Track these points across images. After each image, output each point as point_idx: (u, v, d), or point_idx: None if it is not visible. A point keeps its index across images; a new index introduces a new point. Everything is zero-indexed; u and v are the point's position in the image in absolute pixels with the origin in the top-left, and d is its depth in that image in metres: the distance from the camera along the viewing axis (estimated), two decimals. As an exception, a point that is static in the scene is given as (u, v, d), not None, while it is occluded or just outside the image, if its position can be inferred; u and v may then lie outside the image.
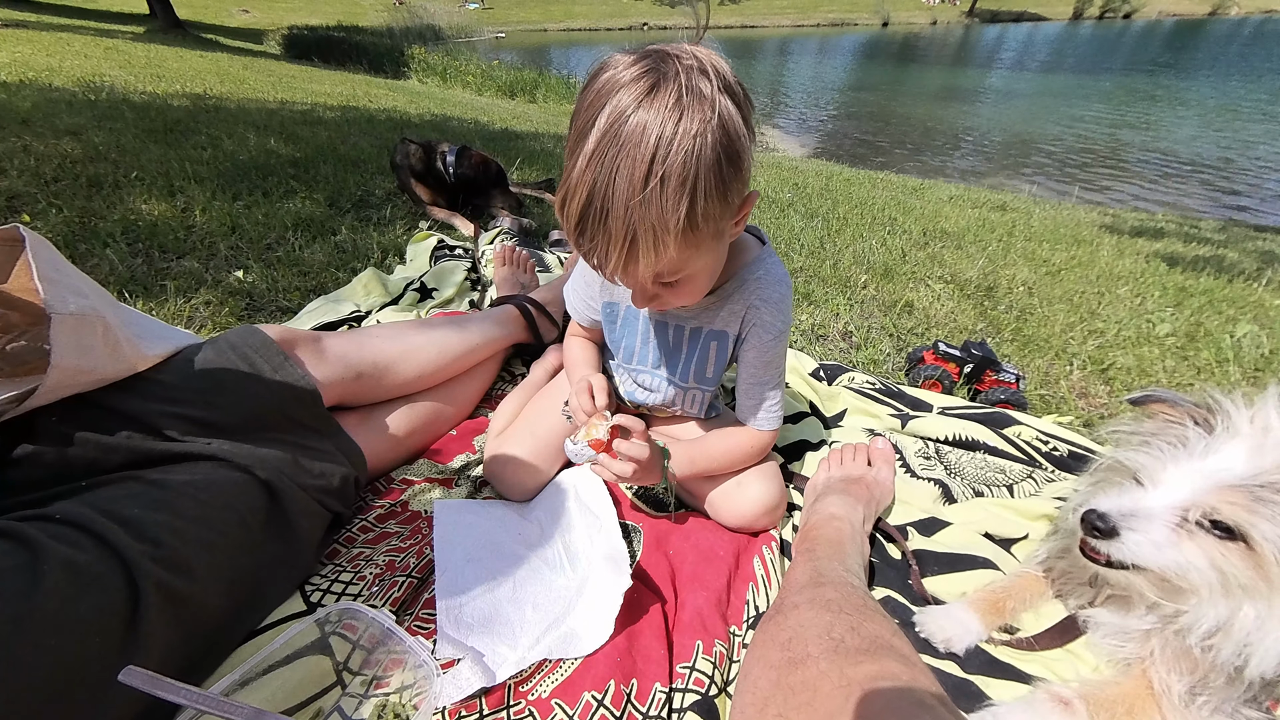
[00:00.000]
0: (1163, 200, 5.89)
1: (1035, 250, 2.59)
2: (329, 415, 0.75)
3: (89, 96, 3.36)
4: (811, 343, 1.47)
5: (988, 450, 0.99)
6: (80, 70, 4.37)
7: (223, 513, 0.56)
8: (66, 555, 0.45)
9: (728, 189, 0.52)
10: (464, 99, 7.45)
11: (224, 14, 19.87)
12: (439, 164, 2.01)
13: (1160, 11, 39.40)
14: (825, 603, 0.53)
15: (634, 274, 0.53)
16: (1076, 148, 7.94)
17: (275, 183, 2.09)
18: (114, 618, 0.46)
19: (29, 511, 0.47)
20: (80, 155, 2.18)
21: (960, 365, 1.26)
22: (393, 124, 3.86)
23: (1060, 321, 1.73)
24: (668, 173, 0.47)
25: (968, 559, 0.77)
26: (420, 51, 11.11)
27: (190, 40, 10.16)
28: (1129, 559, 0.51)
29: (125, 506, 0.50)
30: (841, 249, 2.18)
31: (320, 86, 5.66)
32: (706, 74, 0.49)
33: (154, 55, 6.12)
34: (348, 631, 0.57)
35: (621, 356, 0.86)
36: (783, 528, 0.84)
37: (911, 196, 3.80)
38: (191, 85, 4.40)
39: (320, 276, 1.45)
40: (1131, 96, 11.96)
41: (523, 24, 28.07)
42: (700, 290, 0.63)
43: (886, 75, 15.76)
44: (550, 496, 0.85)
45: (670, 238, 0.49)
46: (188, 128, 2.83)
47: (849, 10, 34.98)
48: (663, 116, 0.47)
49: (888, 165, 6.49)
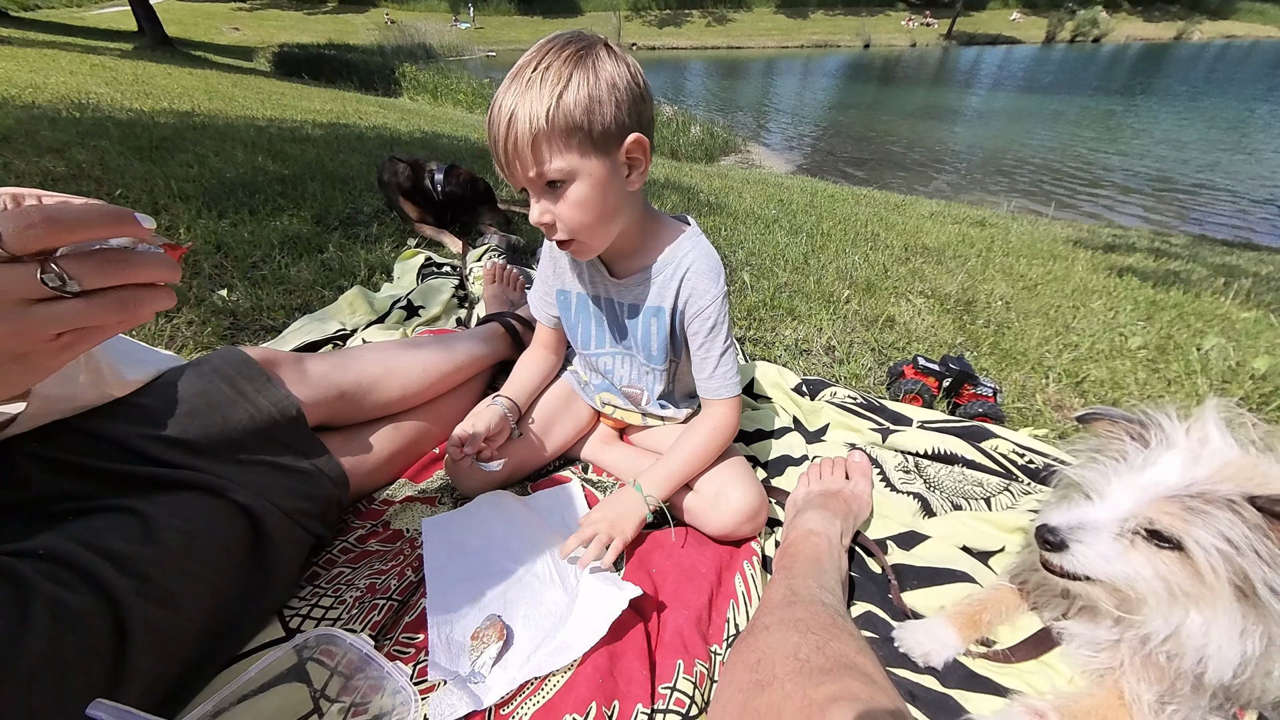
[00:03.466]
0: (1135, 216, 6.09)
1: (1013, 265, 2.66)
2: (313, 436, 0.75)
3: (73, 114, 3.35)
4: (795, 357, 1.49)
5: (966, 464, 1.01)
6: (65, 87, 4.35)
7: (205, 543, 0.56)
8: (54, 594, 0.44)
9: (595, 106, 0.63)
10: (454, 116, 7.51)
11: (214, 31, 19.92)
12: (427, 181, 2.03)
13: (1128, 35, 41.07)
14: (794, 622, 0.54)
15: (519, 156, 0.64)
16: (1052, 165, 8.20)
17: (262, 200, 2.08)
18: (100, 656, 0.45)
19: (12, 546, 0.47)
20: (63, 173, 2.17)
21: (939, 379, 1.29)
22: (382, 141, 3.88)
23: (1036, 335, 1.77)
24: (544, 78, 0.62)
25: (946, 573, 0.78)
26: (411, 69, 11.23)
27: (179, 57, 10.16)
28: (1079, 570, 0.53)
29: (110, 540, 0.50)
30: (825, 264, 2.22)
31: (310, 104, 5.68)
32: (608, 47, 0.67)
33: (142, 72, 6.11)
34: (325, 658, 0.57)
35: (580, 343, 0.94)
36: (765, 542, 0.85)
37: (893, 212, 3.89)
38: (179, 102, 4.40)
39: (306, 295, 1.45)
40: (1103, 116, 12.42)
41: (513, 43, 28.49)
42: (590, 219, 0.69)
43: (869, 95, 16.20)
44: (537, 513, 0.85)
45: (542, 113, 0.61)
46: (174, 145, 2.82)
47: (832, 32, 36.04)
48: (555, 53, 0.64)
49: (870, 182, 6.65)
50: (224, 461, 0.63)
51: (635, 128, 0.67)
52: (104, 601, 0.47)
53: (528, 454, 0.94)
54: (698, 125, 8.28)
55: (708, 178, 4.46)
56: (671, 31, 34.14)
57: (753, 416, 1.14)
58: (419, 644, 0.64)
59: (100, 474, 0.56)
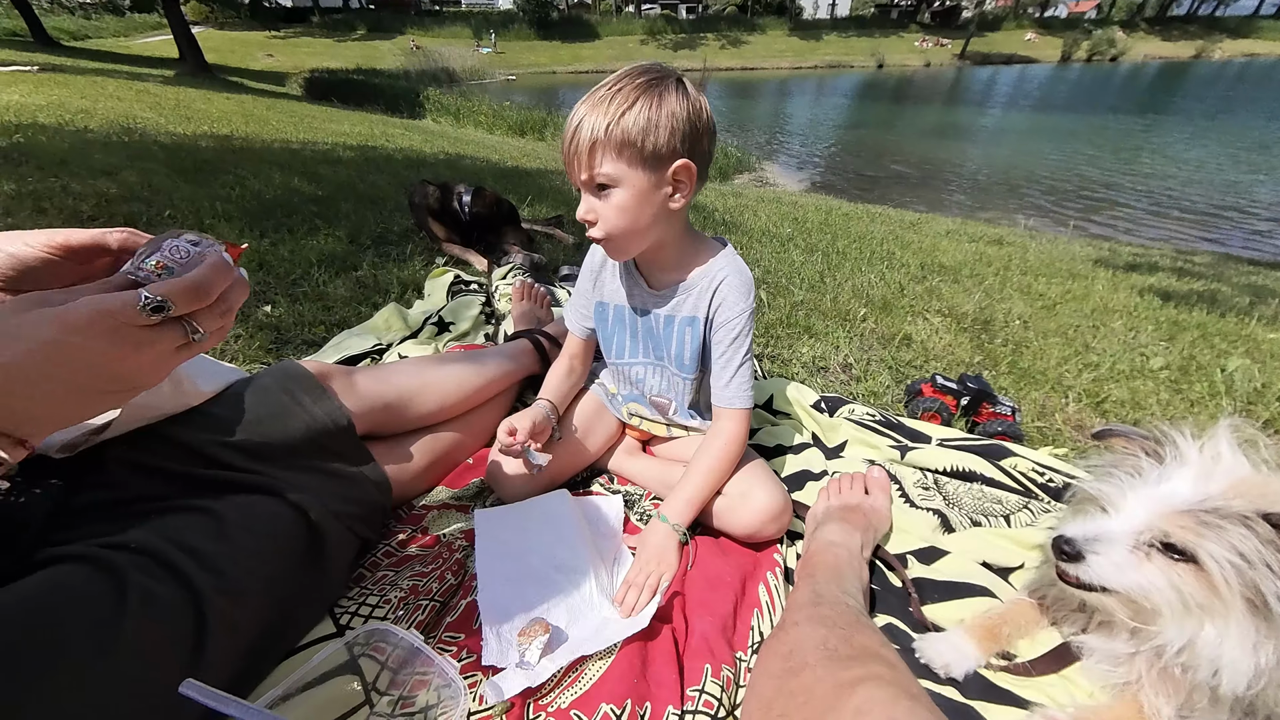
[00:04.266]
0: (1157, 235, 6.01)
1: (1031, 284, 2.66)
2: (361, 444, 0.80)
3: (122, 138, 3.54)
4: (813, 375, 1.52)
5: (985, 481, 1.03)
6: (114, 112, 4.60)
7: (270, 542, 0.61)
8: (145, 585, 0.49)
9: (650, 130, 0.71)
10: (476, 137, 7.75)
11: (249, 58, 20.88)
12: (455, 203, 2.12)
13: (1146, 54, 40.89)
14: (821, 618, 0.57)
15: (577, 157, 0.73)
16: (1069, 184, 8.16)
17: (299, 220, 2.19)
18: (183, 643, 0.50)
19: (108, 540, 0.52)
20: (115, 194, 2.30)
21: (957, 398, 1.30)
22: (409, 163, 4.04)
23: (1055, 355, 1.78)
24: (614, 99, 0.71)
25: (966, 587, 0.79)
26: (435, 93, 11.63)
27: (217, 83, 10.67)
28: (1095, 580, 0.55)
29: (191, 537, 0.55)
30: (841, 283, 2.25)
31: (340, 126, 5.93)
32: (681, 83, 0.75)
33: (183, 97, 6.43)
34: (376, 653, 0.61)
35: (614, 354, 0.99)
36: (787, 553, 0.87)
37: (909, 231, 3.91)
38: (218, 126, 4.63)
39: (343, 311, 1.52)
40: (1121, 135, 12.32)
41: (533, 67, 29.36)
42: (627, 225, 0.77)
43: (883, 114, 16.30)
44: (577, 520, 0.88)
45: (602, 128, 0.70)
46: (215, 167, 2.97)
47: (845, 53, 36.51)
48: (630, 78, 0.73)
49: (885, 200, 6.67)
50: (283, 467, 0.68)
51: (685, 154, 0.74)
52: (187, 593, 0.52)
53: (564, 462, 0.98)
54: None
55: (722, 196, 4.54)
56: (686, 54, 34.88)
57: (772, 432, 1.17)
58: (460, 642, 0.68)
59: (179, 476, 0.61)
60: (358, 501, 0.75)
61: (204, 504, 0.59)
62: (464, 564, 0.79)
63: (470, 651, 0.66)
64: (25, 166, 2.47)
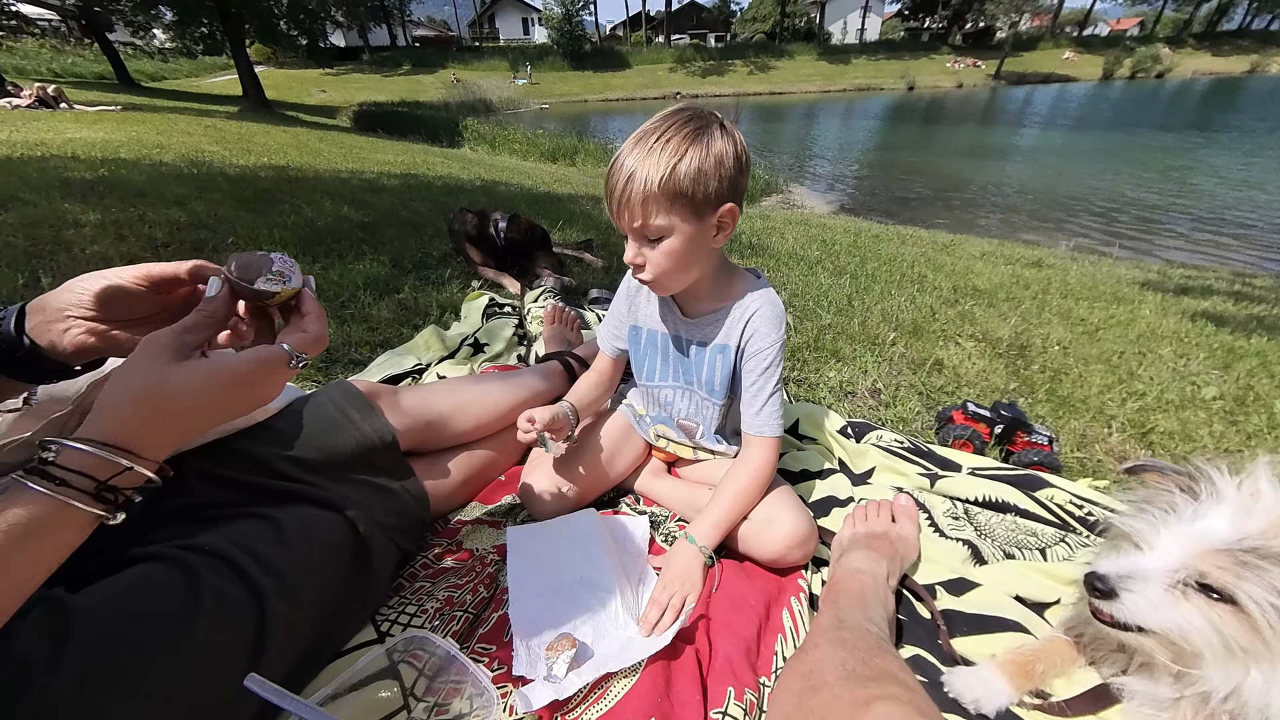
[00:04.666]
0: (1211, 257, 5.72)
1: (1072, 308, 2.58)
2: (404, 460, 0.85)
3: (192, 170, 3.86)
4: (839, 400, 1.51)
5: (1019, 513, 1.00)
6: (185, 146, 5.01)
7: (323, 551, 0.66)
8: (217, 585, 0.55)
9: (701, 178, 0.73)
10: (510, 164, 8.07)
11: (305, 94, 22.39)
12: (491, 229, 2.22)
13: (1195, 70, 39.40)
14: (842, 641, 0.58)
15: (629, 208, 0.74)
16: (1116, 203, 7.86)
17: (347, 245, 2.34)
18: (246, 640, 0.55)
19: (184, 542, 0.58)
20: (185, 222, 2.51)
21: (990, 425, 1.28)
22: (448, 190, 4.24)
23: (1097, 383, 1.72)
24: (664, 148, 0.72)
25: (997, 621, 0.78)
26: (473, 122, 12.19)
27: (275, 117, 11.48)
28: (1130, 619, 0.54)
29: (255, 542, 0.60)
30: (870, 306, 2.24)
31: (384, 156, 6.28)
32: (723, 126, 0.76)
33: (245, 131, 6.95)
34: (414, 660, 0.64)
35: (645, 376, 1.02)
36: (811, 579, 0.87)
37: (942, 253, 3.85)
38: (276, 157, 4.97)
39: (386, 332, 1.61)
40: (1172, 152, 11.83)
41: (565, 96, 30.44)
42: (676, 268, 0.79)
43: (914, 135, 16.15)
44: (612, 536, 0.91)
45: (655, 180, 0.71)
46: (274, 196, 3.20)
47: (874, 76, 36.52)
48: (677, 127, 0.74)
49: (917, 221, 6.58)
50: (335, 479, 0.74)
51: (730, 198, 0.77)
52: (251, 594, 0.57)
53: (591, 482, 1.01)
54: (740, 169, 8.49)
55: (749, 219, 4.57)
56: (714, 80, 35.54)
57: (798, 457, 1.17)
58: (492, 653, 0.71)
59: (245, 486, 0.67)
60: (400, 514, 0.79)
61: (266, 512, 0.64)
62: (496, 578, 0.83)
63: (501, 662, 0.69)
64: (109, 198, 2.72)
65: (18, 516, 0.39)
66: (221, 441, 0.67)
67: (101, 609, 0.48)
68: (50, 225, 2.20)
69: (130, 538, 0.58)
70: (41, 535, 0.40)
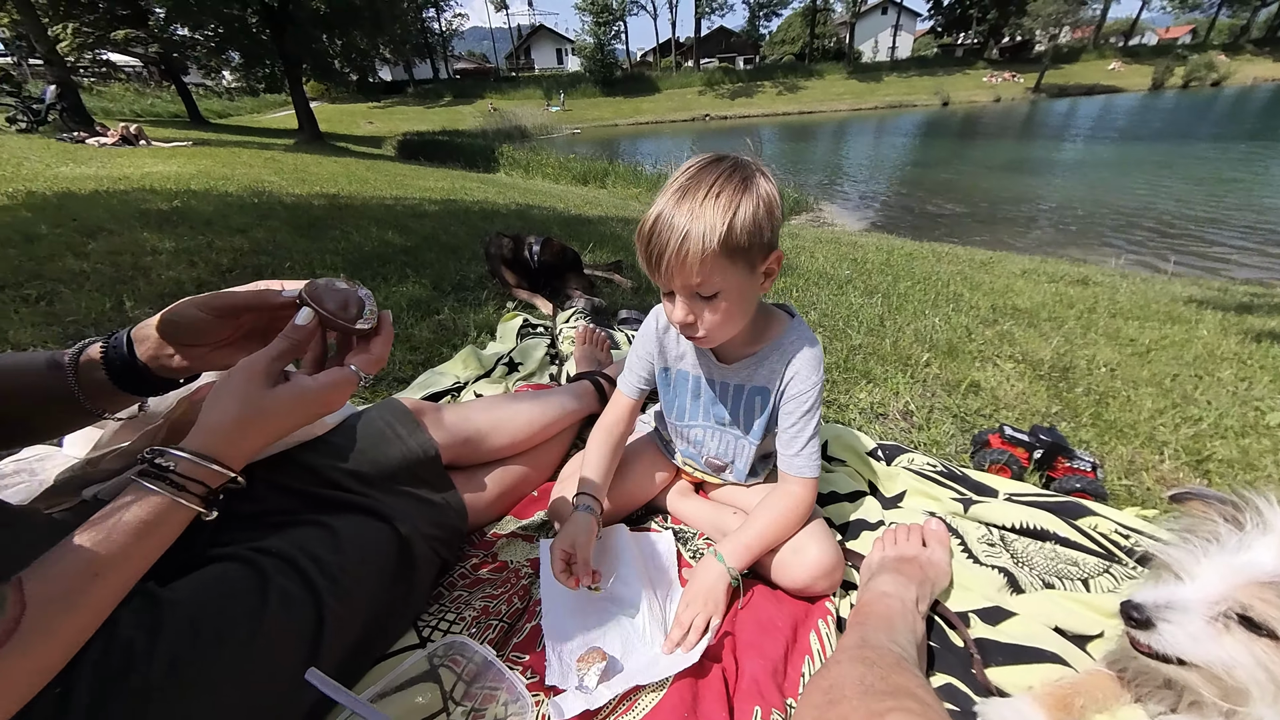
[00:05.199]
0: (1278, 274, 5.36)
1: (1121, 328, 2.47)
2: (445, 473, 0.90)
3: (253, 200, 4.16)
4: (870, 421, 1.49)
5: (1059, 541, 0.97)
6: (247, 178, 5.41)
7: (373, 558, 0.71)
8: (282, 584, 0.61)
9: (757, 229, 0.71)
10: (544, 188, 8.35)
11: (354, 125, 23.87)
12: (525, 253, 2.31)
13: (1255, 77, 37.36)
14: (863, 659, 0.58)
15: (683, 269, 0.70)
16: (1169, 217, 7.49)
17: (391, 269, 2.47)
18: (305, 638, 0.60)
19: (254, 545, 0.64)
20: (247, 249, 2.71)
21: (1029, 450, 1.24)
22: (484, 214, 4.42)
23: (1148, 406, 1.64)
24: (717, 200, 0.69)
25: (1035, 652, 0.75)
26: (508, 149, 12.69)
27: (327, 148, 12.26)
28: (1169, 650, 0.52)
29: (315, 547, 0.66)
30: (902, 326, 2.20)
31: (425, 182, 6.61)
32: (759, 169, 0.74)
33: (300, 162, 7.45)
34: (453, 664, 0.68)
35: (675, 416, 1.01)
36: (839, 603, 0.87)
37: (979, 271, 3.75)
38: (328, 186, 5.31)
39: (427, 351, 1.70)
40: (1230, 163, 11.21)
41: (596, 121, 31.36)
42: (729, 322, 0.77)
43: (948, 150, 15.84)
44: (641, 552, 0.93)
45: (715, 238, 0.67)
46: (326, 223, 3.42)
47: (906, 93, 36.15)
48: (724, 179, 0.70)
49: (952, 238, 6.42)
50: (383, 490, 0.79)
51: (775, 243, 0.75)
52: (311, 595, 0.62)
53: (621, 499, 1.03)
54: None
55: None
56: (744, 102, 35.92)
57: (826, 479, 1.17)
58: (525, 662, 0.73)
59: (306, 495, 0.73)
60: (441, 525, 0.84)
61: (324, 520, 0.70)
62: (529, 590, 0.86)
63: (534, 671, 0.72)
64: (181, 227, 2.98)
65: (142, 513, 0.46)
66: (286, 454, 0.74)
67: (188, 603, 0.55)
68: (131, 253, 2.42)
69: (208, 538, 0.64)
70: (158, 530, 0.47)
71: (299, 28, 13.14)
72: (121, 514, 0.46)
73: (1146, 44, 49.60)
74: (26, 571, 0.43)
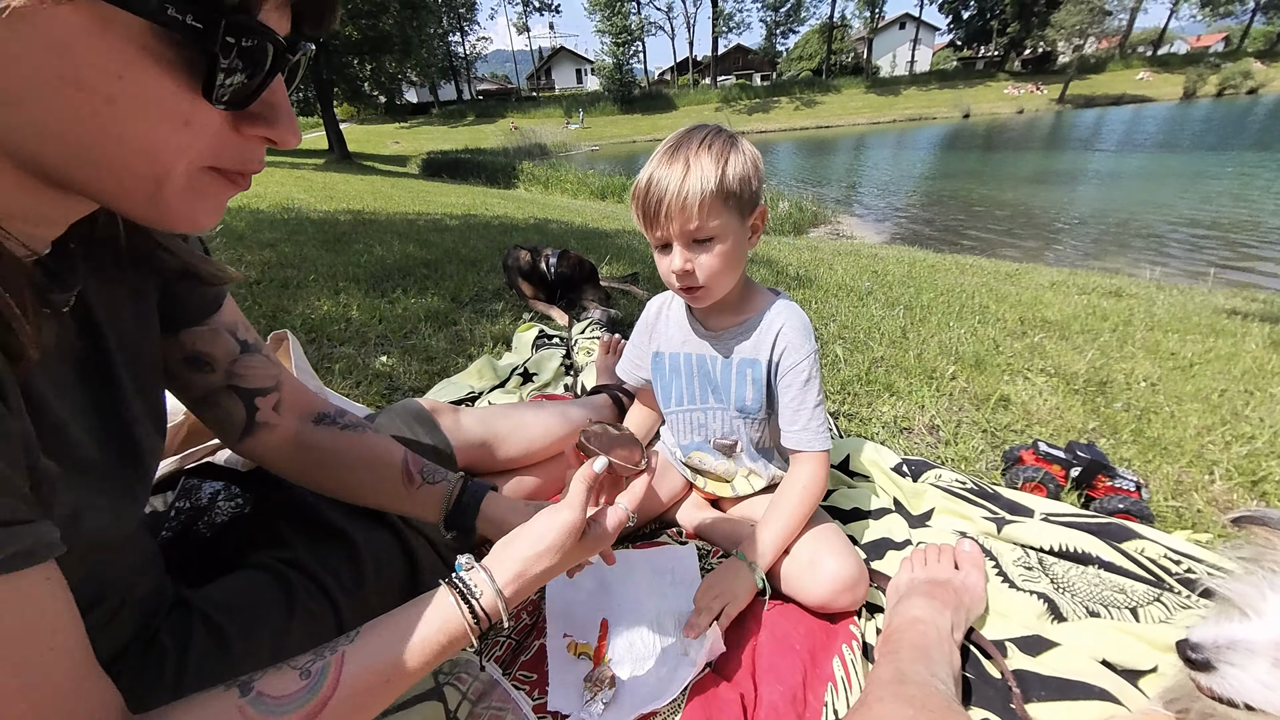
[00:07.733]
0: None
1: (1160, 341, 2.36)
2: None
3: (283, 216, 4.31)
4: (894, 436, 1.44)
5: (1103, 565, 0.91)
6: (278, 195, 5.61)
7: (385, 570, 0.70)
8: (305, 597, 0.61)
9: (746, 179, 0.76)
10: (562, 203, 8.48)
11: (381, 145, 24.72)
12: (542, 265, 2.33)
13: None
14: (909, 699, 0.53)
15: (683, 212, 0.74)
16: (1206, 226, 7.21)
17: (412, 281, 2.51)
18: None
19: (278, 555, 0.64)
20: (275, 262, 2.79)
21: (1065, 468, 1.18)
22: (504, 228, 4.49)
23: (1194, 423, 1.55)
24: (708, 151, 0.75)
25: (1081, 686, 0.69)
26: (529, 165, 12.96)
27: (355, 167, 12.70)
28: (1235, 696, 0.47)
29: (335, 560, 0.66)
30: (926, 338, 2.14)
31: (447, 198, 6.77)
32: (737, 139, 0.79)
33: (328, 180, 7.73)
34: (458, 682, 0.65)
35: (673, 401, 0.99)
36: (865, 627, 0.82)
37: (1005, 282, 3.65)
38: (354, 203, 5.48)
39: (444, 361, 1.71)
40: (1272, 172, 10.79)
41: (614, 138, 31.87)
42: (726, 270, 0.79)
43: (971, 162, 15.59)
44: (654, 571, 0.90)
45: (712, 180, 0.73)
46: (350, 238, 3.51)
47: (926, 106, 35.85)
48: (711, 137, 0.77)
49: (976, 250, 6.29)
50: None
51: (760, 200, 0.81)
52: (330, 606, 0.62)
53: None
54: (786, 200, 8.52)
55: (796, 251, 4.54)
56: (761, 117, 36.13)
57: (849, 495, 1.12)
58: (532, 683, 0.70)
59: (324, 499, 0.72)
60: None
61: (340, 526, 0.69)
62: (538, 605, 0.83)
63: (540, 692, 0.69)
64: (215, 242, 3.08)
65: (444, 638, 0.48)
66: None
67: (218, 614, 0.56)
68: (166, 266, 2.51)
69: (237, 542, 0.65)
70: (447, 654, 0.49)
71: (334, 54, 13.73)
72: (428, 629, 0.47)
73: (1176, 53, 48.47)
74: (351, 650, 0.43)
